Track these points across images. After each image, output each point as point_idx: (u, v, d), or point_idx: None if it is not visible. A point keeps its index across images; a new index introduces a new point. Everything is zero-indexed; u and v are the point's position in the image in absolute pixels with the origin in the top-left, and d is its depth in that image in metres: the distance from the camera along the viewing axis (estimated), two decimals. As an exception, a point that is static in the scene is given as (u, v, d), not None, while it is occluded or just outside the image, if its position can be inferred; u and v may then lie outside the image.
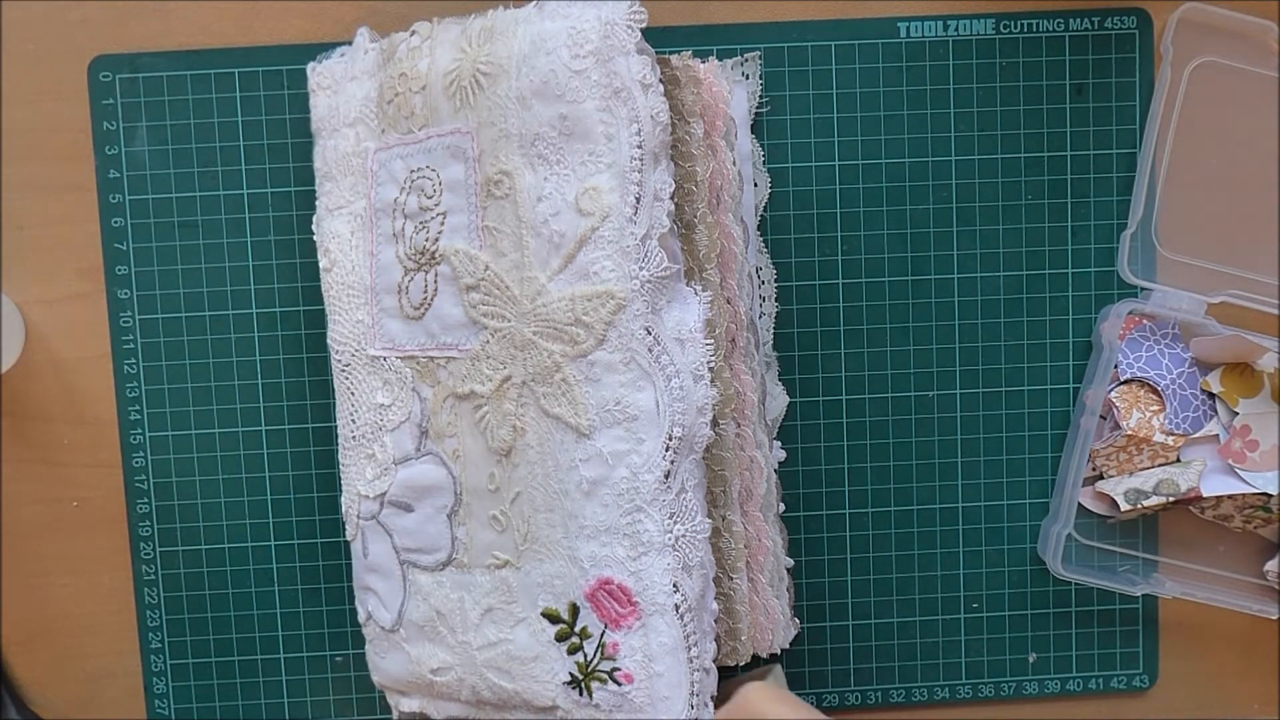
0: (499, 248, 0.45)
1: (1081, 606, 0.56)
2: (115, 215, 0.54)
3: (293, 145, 0.53)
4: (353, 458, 0.51)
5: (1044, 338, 0.55)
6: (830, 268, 0.54)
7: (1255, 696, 0.57)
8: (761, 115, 0.53)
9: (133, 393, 0.54)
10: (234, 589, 0.55)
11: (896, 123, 0.54)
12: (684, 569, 0.43)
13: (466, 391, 0.47)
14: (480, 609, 0.47)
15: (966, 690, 0.56)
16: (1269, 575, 0.54)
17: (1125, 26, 0.54)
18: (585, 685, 0.45)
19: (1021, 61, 0.54)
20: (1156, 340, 0.54)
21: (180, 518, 0.55)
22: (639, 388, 0.43)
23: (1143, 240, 0.54)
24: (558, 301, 0.43)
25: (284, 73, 0.53)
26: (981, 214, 0.54)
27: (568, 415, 0.44)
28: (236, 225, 0.54)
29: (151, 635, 0.55)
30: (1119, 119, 0.54)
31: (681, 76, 0.47)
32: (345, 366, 0.51)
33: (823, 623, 0.55)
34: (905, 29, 0.53)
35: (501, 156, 0.45)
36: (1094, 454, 0.54)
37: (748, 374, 0.50)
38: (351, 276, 0.50)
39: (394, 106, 0.48)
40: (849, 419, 0.55)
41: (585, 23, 0.42)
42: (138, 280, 0.54)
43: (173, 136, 0.53)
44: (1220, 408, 0.53)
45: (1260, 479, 0.52)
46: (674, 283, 0.44)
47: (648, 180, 0.43)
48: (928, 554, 0.55)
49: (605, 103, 0.42)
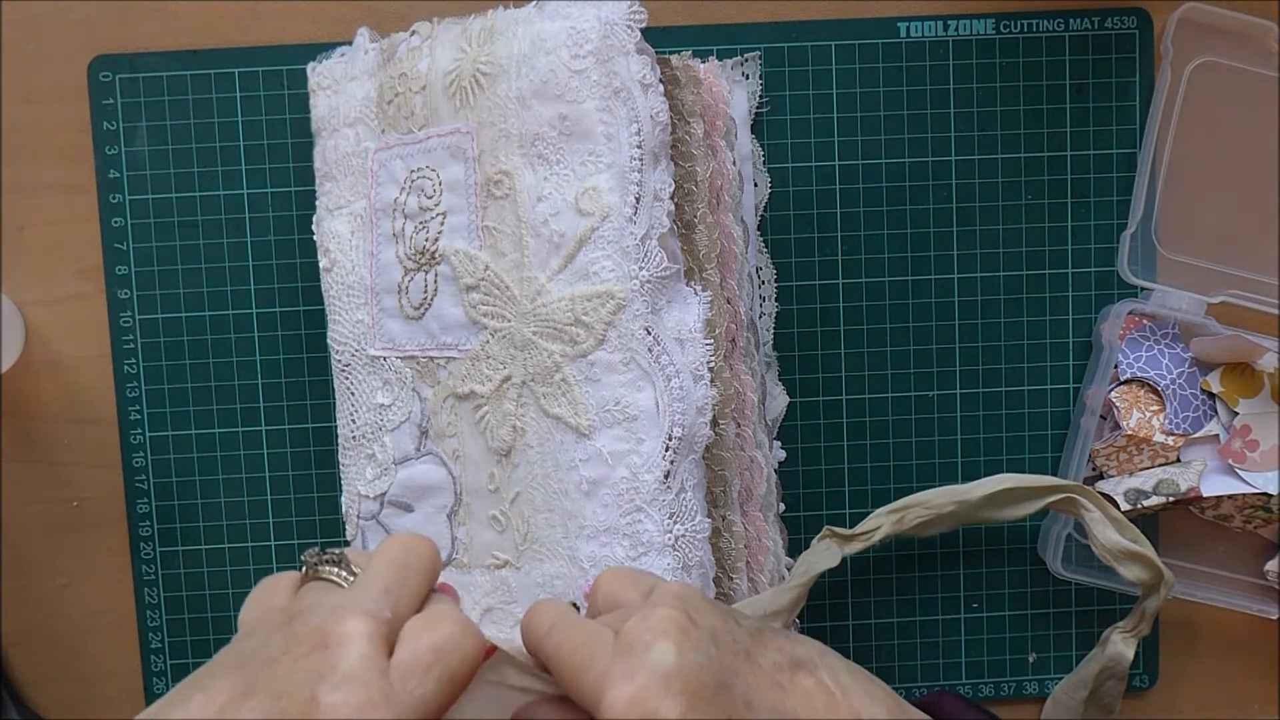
0: (499, 248, 0.45)
1: (1081, 606, 0.56)
2: (115, 215, 0.54)
3: (293, 145, 0.53)
4: (353, 458, 0.51)
5: (1044, 338, 0.55)
6: (830, 268, 0.54)
7: (1255, 696, 0.57)
8: (761, 115, 0.53)
9: (133, 393, 0.54)
10: (234, 589, 0.55)
11: (896, 123, 0.54)
12: (684, 569, 0.43)
13: (466, 391, 0.47)
14: (480, 609, 0.47)
15: (966, 690, 0.56)
16: (1269, 575, 0.54)
17: (1125, 26, 0.54)
18: (585, 685, 0.45)
19: (1021, 61, 0.54)
20: (1156, 340, 0.54)
21: (180, 518, 0.55)
22: (639, 388, 0.43)
23: (1143, 240, 0.54)
24: (558, 301, 0.43)
25: (284, 73, 0.53)
26: (981, 214, 0.54)
27: (568, 415, 0.44)
28: (236, 225, 0.54)
29: (151, 635, 0.55)
30: (1119, 119, 0.54)
31: (681, 76, 0.47)
32: (345, 366, 0.51)
33: (823, 623, 0.55)
34: (905, 29, 0.53)
35: (501, 156, 0.45)
36: (1094, 454, 0.54)
37: (748, 374, 0.50)
38: (351, 276, 0.50)
39: (394, 106, 0.48)
40: (849, 419, 0.55)
41: (585, 23, 0.42)
42: (138, 280, 0.54)
43: (173, 136, 0.53)
44: (1220, 408, 0.53)
45: (1260, 479, 0.52)
46: (674, 283, 0.44)
47: (648, 180, 0.43)
48: (928, 554, 0.55)
49: (605, 103, 0.42)
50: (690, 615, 0.31)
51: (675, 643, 0.30)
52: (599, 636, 0.32)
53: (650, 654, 0.30)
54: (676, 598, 0.32)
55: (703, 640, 0.31)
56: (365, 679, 0.28)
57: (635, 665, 0.30)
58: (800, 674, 0.32)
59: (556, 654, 0.33)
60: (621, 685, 0.30)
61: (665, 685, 0.29)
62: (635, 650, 0.30)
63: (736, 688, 0.30)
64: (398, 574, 0.32)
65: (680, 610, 0.31)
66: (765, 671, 0.31)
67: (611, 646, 0.31)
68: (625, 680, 0.30)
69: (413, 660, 0.30)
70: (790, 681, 0.31)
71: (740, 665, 0.31)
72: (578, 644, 0.32)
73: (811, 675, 0.32)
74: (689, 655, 0.30)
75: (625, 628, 0.31)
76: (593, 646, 0.32)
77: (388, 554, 0.33)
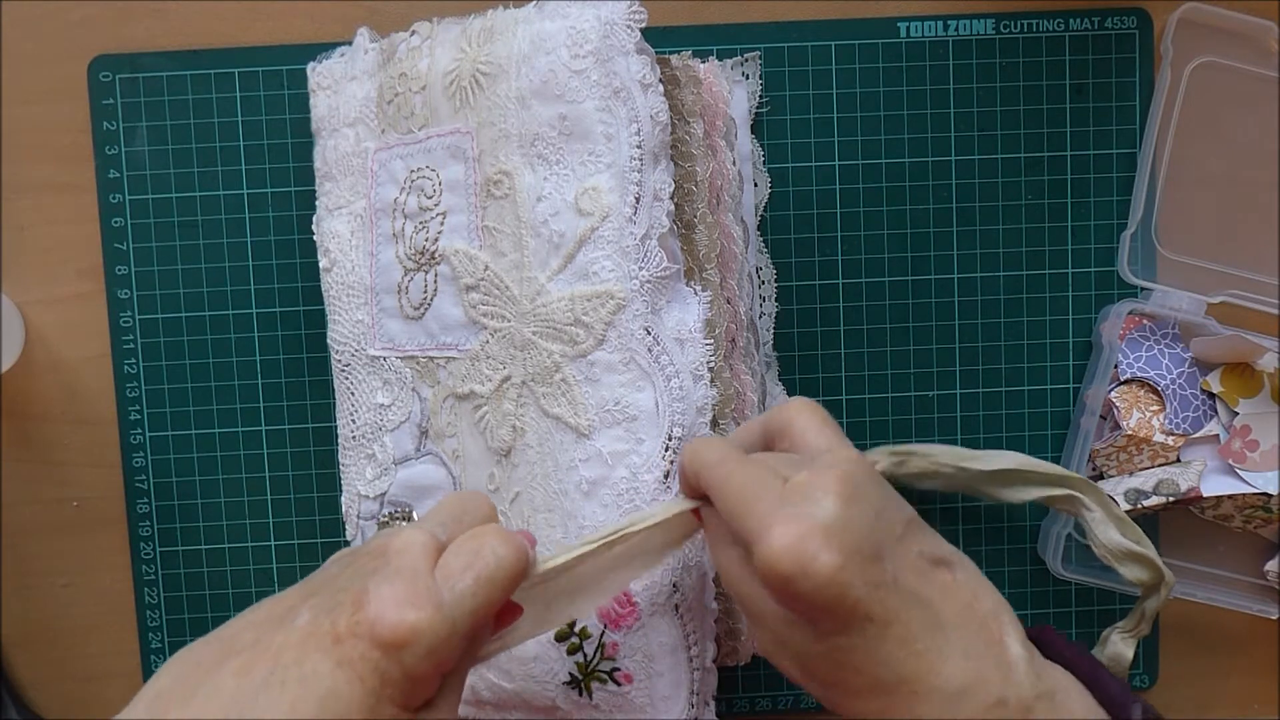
0: (499, 248, 0.45)
1: (1081, 606, 0.56)
2: (115, 215, 0.54)
3: (293, 145, 0.53)
4: (353, 458, 0.51)
5: (1044, 338, 0.55)
6: (830, 268, 0.54)
7: (1255, 696, 0.57)
8: (761, 115, 0.53)
9: (133, 393, 0.54)
10: (234, 589, 0.55)
11: (896, 123, 0.54)
12: (684, 569, 0.43)
13: (466, 391, 0.47)
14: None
15: (966, 690, 0.56)
16: (1269, 575, 0.54)
17: (1125, 26, 0.54)
18: (585, 685, 0.45)
19: (1021, 61, 0.54)
20: (1156, 340, 0.54)
21: (180, 518, 0.55)
22: (638, 388, 0.43)
23: (1143, 240, 0.54)
24: (557, 301, 0.43)
25: (284, 73, 0.53)
26: (981, 214, 0.54)
27: (567, 415, 0.44)
28: (236, 225, 0.54)
29: (151, 635, 0.55)
30: (1119, 119, 0.54)
31: (681, 76, 0.47)
32: (345, 366, 0.51)
33: (823, 623, 0.55)
34: (905, 29, 0.53)
35: (501, 156, 0.45)
36: (1094, 454, 0.54)
37: (748, 374, 0.50)
38: (351, 276, 0.50)
39: (394, 106, 0.48)
40: (849, 419, 0.55)
41: (585, 23, 0.42)
42: (138, 280, 0.54)
43: (173, 136, 0.53)
44: (1220, 408, 0.53)
45: (1260, 479, 0.52)
46: (674, 283, 0.44)
47: (647, 180, 0.43)
48: (928, 554, 0.55)
49: (605, 103, 0.42)
50: (861, 484, 0.34)
51: (844, 502, 0.32)
52: (769, 479, 0.34)
53: (819, 506, 0.32)
54: (853, 463, 0.34)
55: (867, 509, 0.33)
56: (412, 576, 0.32)
57: (802, 513, 0.32)
58: (940, 569, 0.34)
59: (725, 485, 0.35)
60: (786, 526, 0.32)
61: (827, 537, 0.32)
62: (805, 499, 0.33)
63: (887, 561, 0.33)
64: (454, 512, 0.36)
65: (853, 476, 0.34)
66: (912, 557, 0.34)
67: (779, 491, 0.33)
68: (790, 523, 0.32)
69: (453, 560, 0.33)
70: (931, 571, 0.34)
71: (893, 544, 0.33)
72: (747, 480, 0.34)
73: (949, 572, 0.34)
74: (854, 518, 0.32)
75: (798, 477, 0.34)
76: (762, 486, 0.34)
77: (447, 500, 0.37)
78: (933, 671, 0.32)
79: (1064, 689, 0.34)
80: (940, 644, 0.33)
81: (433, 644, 0.31)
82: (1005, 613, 0.34)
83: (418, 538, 0.33)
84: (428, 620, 0.31)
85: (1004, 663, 0.33)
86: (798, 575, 0.31)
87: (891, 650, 0.32)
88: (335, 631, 0.31)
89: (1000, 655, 0.33)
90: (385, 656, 0.30)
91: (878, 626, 0.32)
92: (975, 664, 0.33)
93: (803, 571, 0.31)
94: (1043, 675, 0.34)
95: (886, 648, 0.32)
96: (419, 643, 0.30)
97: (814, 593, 0.31)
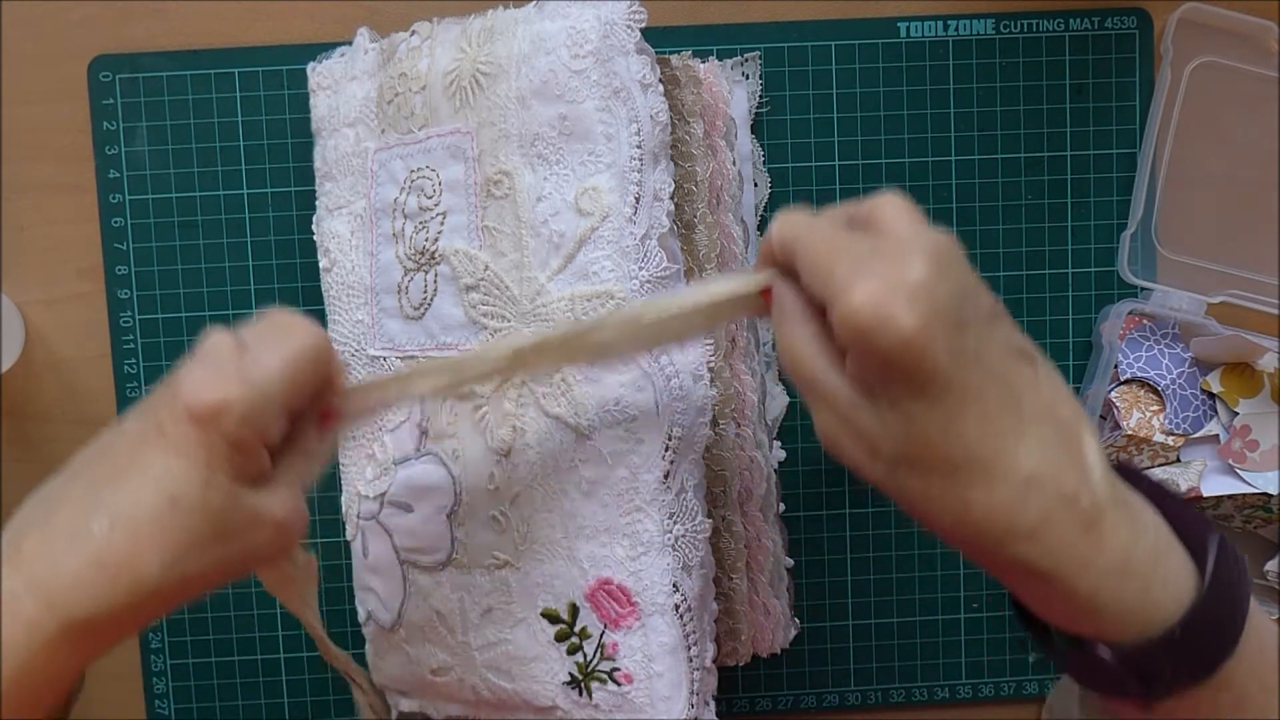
0: (499, 248, 0.45)
1: (1081, 606, 0.56)
2: (115, 215, 0.54)
3: (293, 145, 0.53)
4: (353, 457, 0.51)
5: (1044, 337, 0.55)
6: (830, 268, 0.54)
7: (1255, 696, 0.57)
8: (761, 115, 0.53)
9: (133, 393, 0.54)
10: (234, 589, 0.55)
11: (896, 123, 0.54)
12: (684, 569, 0.43)
13: (466, 391, 0.47)
14: (480, 609, 0.47)
15: (966, 690, 0.56)
16: (1269, 575, 0.54)
17: (1125, 26, 0.54)
18: (585, 685, 0.45)
19: (1021, 61, 0.54)
20: (1156, 340, 0.54)
21: (180, 518, 0.54)
22: (638, 388, 0.43)
23: (1143, 240, 0.54)
24: (557, 301, 0.43)
25: (284, 73, 0.53)
26: (981, 214, 0.54)
27: (567, 415, 0.44)
28: (236, 225, 0.54)
29: (151, 635, 0.55)
30: (1119, 119, 0.54)
31: (681, 76, 0.47)
32: (345, 366, 0.51)
33: (823, 623, 0.55)
34: (905, 29, 0.53)
35: (501, 156, 0.45)
36: (1094, 454, 0.54)
37: (748, 374, 0.50)
38: (351, 276, 0.50)
39: (394, 106, 0.48)
40: (849, 419, 0.55)
41: (585, 23, 0.42)
42: (138, 280, 0.54)
43: (173, 136, 0.53)
44: (1220, 408, 0.53)
45: (1260, 479, 0.52)
46: (674, 283, 0.44)
47: (647, 180, 0.43)
48: (928, 554, 0.55)
49: (605, 103, 0.42)
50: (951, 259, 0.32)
51: (933, 267, 0.31)
52: (859, 243, 0.32)
53: (907, 266, 0.30)
54: (946, 238, 0.32)
55: (955, 283, 0.31)
56: (217, 358, 0.34)
57: (890, 270, 0.30)
58: (1025, 363, 0.32)
59: (811, 245, 0.33)
60: (869, 281, 0.30)
61: (911, 296, 0.30)
62: (894, 259, 0.31)
63: (970, 334, 0.31)
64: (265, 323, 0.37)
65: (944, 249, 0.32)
66: (997, 341, 0.32)
67: (869, 254, 0.32)
68: (874, 279, 0.30)
69: (255, 342, 0.35)
70: (1015, 361, 0.32)
71: (979, 323, 0.32)
72: (836, 241, 0.33)
73: (1030, 366, 0.33)
74: (942, 282, 0.31)
75: (889, 241, 0.32)
76: (851, 247, 0.32)
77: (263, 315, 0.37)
78: (1007, 452, 0.31)
79: (1139, 506, 0.33)
80: (1018, 428, 0.31)
81: (245, 411, 0.33)
82: (1085, 422, 0.33)
83: (224, 337, 0.35)
84: (236, 390, 0.33)
85: (1081, 464, 0.32)
86: (876, 329, 0.30)
87: (966, 426, 0.31)
88: (159, 424, 0.33)
89: (1077, 456, 0.32)
90: (204, 431, 0.32)
91: (955, 397, 0.30)
92: (1052, 456, 0.31)
93: (883, 326, 0.30)
94: (1118, 486, 0.33)
95: (961, 422, 0.31)
96: (231, 411, 0.32)
97: (893, 349, 0.30)
